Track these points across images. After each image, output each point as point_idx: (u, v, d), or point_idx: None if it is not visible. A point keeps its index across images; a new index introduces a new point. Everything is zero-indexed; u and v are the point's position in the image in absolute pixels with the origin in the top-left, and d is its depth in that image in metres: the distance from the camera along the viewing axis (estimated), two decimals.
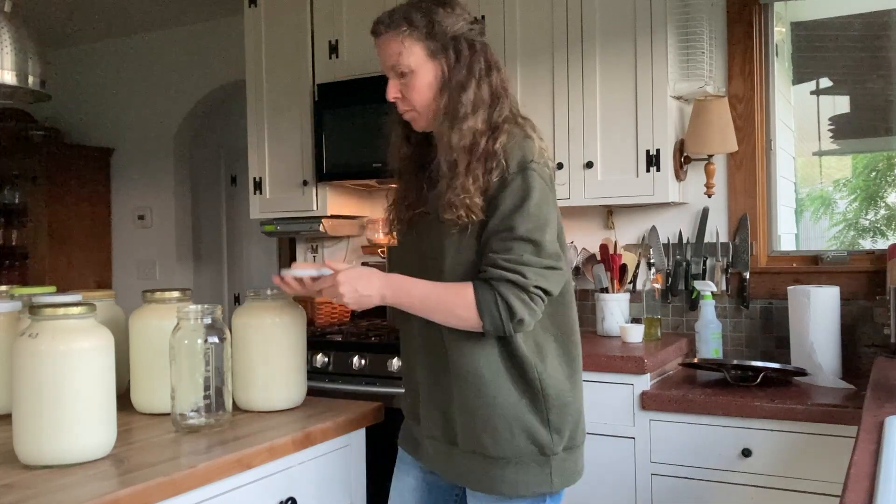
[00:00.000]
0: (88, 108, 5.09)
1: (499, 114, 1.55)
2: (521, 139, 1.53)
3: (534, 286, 1.47)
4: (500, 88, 1.59)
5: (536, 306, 1.49)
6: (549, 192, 1.52)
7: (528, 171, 1.49)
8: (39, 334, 1.36)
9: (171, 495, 1.31)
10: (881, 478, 1.15)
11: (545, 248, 1.49)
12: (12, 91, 2.18)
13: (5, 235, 4.96)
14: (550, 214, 1.51)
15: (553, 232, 1.52)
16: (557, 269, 1.51)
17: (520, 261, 1.46)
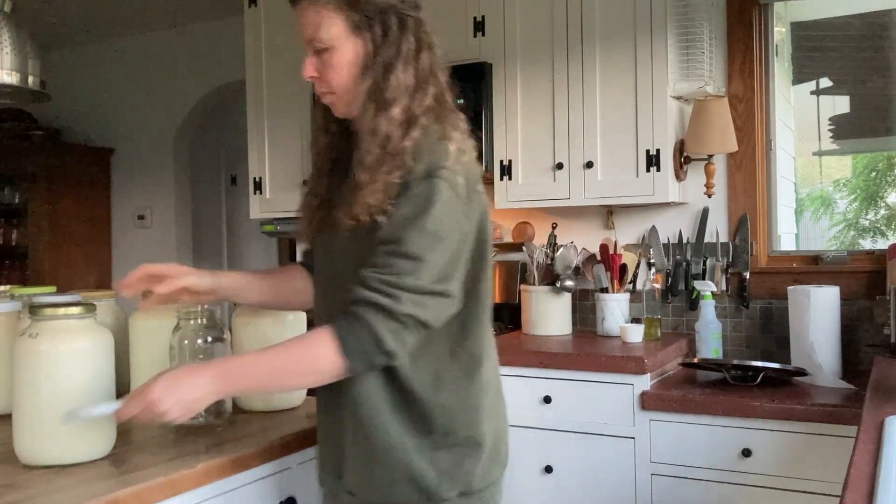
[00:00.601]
0: (88, 108, 5.09)
1: (419, 103, 1.35)
2: (435, 138, 1.33)
3: (405, 314, 1.26)
4: (428, 72, 1.39)
5: (409, 336, 1.28)
6: (457, 205, 1.30)
7: (433, 179, 1.28)
8: (39, 334, 1.36)
9: (171, 495, 1.31)
10: (881, 478, 1.15)
11: (432, 269, 1.27)
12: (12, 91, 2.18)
13: (5, 235, 4.96)
14: (451, 232, 1.30)
15: (449, 252, 1.30)
16: (442, 297, 1.29)
17: (396, 283, 1.26)
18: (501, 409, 1.47)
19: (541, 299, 2.95)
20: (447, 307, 1.32)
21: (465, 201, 1.33)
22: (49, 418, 1.34)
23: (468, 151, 1.39)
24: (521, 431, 2.59)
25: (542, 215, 3.24)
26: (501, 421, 1.46)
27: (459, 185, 1.31)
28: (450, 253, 1.30)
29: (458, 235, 1.31)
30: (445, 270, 1.30)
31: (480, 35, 3.03)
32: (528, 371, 2.58)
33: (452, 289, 1.31)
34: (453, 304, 1.33)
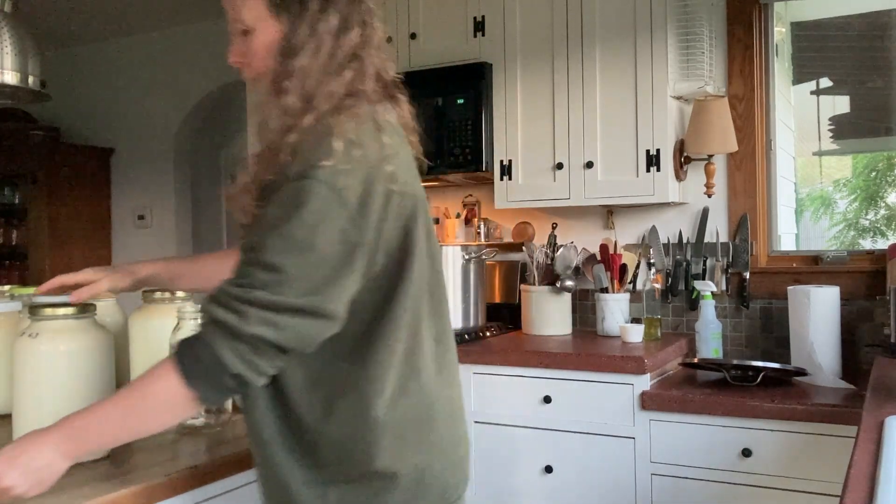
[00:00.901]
0: (88, 108, 5.09)
1: (325, 91, 1.19)
2: (322, 132, 1.15)
3: (250, 334, 1.09)
4: (348, 56, 1.22)
5: (262, 360, 1.11)
6: (339, 210, 1.11)
7: (307, 180, 1.10)
8: (40, 334, 1.36)
9: (170, 495, 1.31)
10: (881, 478, 1.15)
11: (295, 283, 1.10)
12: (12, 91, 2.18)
13: (5, 235, 4.96)
14: (328, 242, 1.11)
15: (324, 264, 1.12)
16: (309, 315, 1.11)
17: (245, 297, 1.10)
18: (438, 439, 1.26)
19: (541, 299, 2.95)
20: (319, 328, 1.14)
21: (357, 205, 1.13)
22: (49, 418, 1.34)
23: (375, 146, 1.18)
24: (521, 431, 2.59)
25: (542, 215, 3.24)
26: (436, 454, 1.25)
27: (346, 187, 1.12)
28: (324, 265, 1.12)
29: (341, 246, 1.12)
30: (316, 285, 1.11)
31: (480, 35, 3.03)
32: (528, 371, 2.58)
33: (327, 307, 1.13)
34: (328, 324, 1.14)
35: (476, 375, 2.67)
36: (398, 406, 1.21)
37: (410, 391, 1.23)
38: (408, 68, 3.14)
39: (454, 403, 1.32)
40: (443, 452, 1.26)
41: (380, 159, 1.17)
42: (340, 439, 1.19)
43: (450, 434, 1.29)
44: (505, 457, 2.62)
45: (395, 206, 1.19)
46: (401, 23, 3.18)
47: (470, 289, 2.95)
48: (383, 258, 1.20)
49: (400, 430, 1.21)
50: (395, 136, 1.26)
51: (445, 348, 1.32)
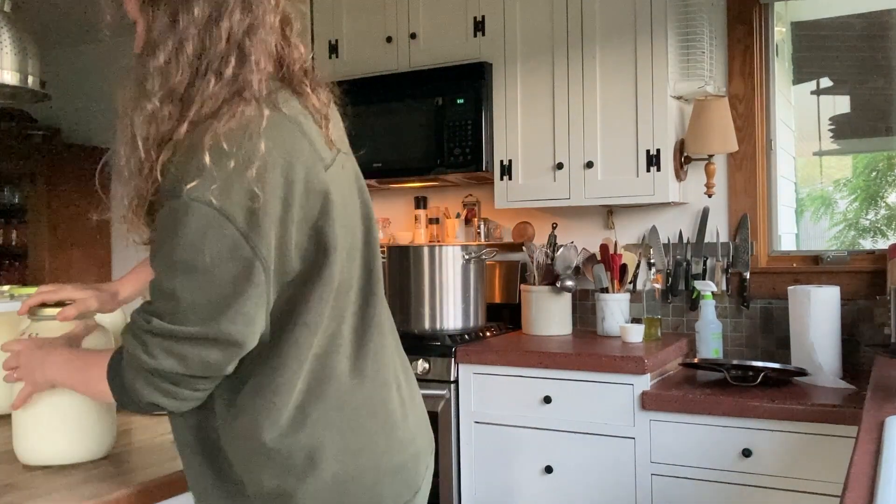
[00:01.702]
0: (88, 108, 5.08)
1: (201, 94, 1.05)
2: (192, 147, 1.03)
3: (153, 368, 1.05)
4: (225, 49, 1.07)
5: (182, 388, 1.07)
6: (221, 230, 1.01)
7: (180, 200, 1.01)
8: (39, 334, 1.36)
9: (170, 495, 1.30)
10: (881, 478, 1.15)
11: (190, 310, 1.03)
12: (12, 91, 2.18)
13: (5, 235, 4.96)
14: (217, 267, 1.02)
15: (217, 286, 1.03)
16: (206, 343, 1.04)
17: (145, 327, 1.06)
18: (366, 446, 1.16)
19: (541, 299, 2.95)
20: (225, 355, 1.06)
21: (246, 221, 1.03)
22: (48, 418, 1.34)
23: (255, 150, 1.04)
24: (521, 431, 2.59)
25: (542, 215, 3.24)
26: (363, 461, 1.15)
27: (226, 201, 1.01)
28: (218, 287, 1.03)
29: (232, 263, 1.03)
30: (212, 309, 1.04)
31: (480, 35, 3.03)
32: (528, 371, 2.58)
33: (230, 331, 1.04)
34: (235, 349, 1.07)
35: (476, 375, 2.67)
36: (312, 414, 1.12)
37: (327, 397, 1.13)
38: (408, 68, 3.14)
39: (384, 407, 1.20)
40: (372, 459, 1.16)
41: (255, 164, 1.03)
42: (247, 447, 1.11)
43: (382, 441, 1.18)
44: (505, 457, 2.62)
45: (296, 210, 1.08)
46: (401, 23, 3.18)
47: (470, 289, 2.95)
48: (295, 263, 1.10)
49: (316, 438, 1.11)
50: (287, 132, 1.10)
51: (370, 350, 1.21)
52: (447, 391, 2.69)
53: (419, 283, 2.89)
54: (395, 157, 3.14)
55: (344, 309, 1.18)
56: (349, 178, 1.24)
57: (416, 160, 3.09)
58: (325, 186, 1.12)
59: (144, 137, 1.07)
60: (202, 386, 1.09)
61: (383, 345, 1.24)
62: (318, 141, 1.15)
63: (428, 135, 3.07)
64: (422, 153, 3.09)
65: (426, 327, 2.89)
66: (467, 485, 2.68)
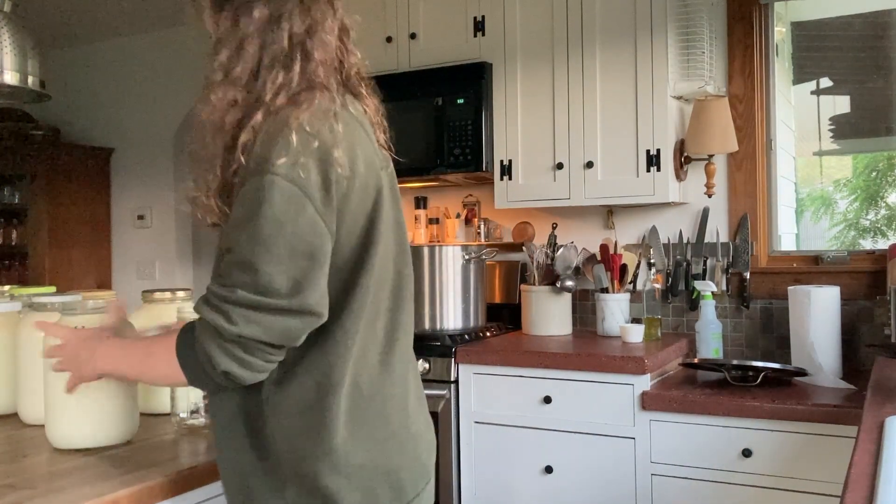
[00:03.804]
0: (88, 108, 5.09)
1: (271, 85, 1.15)
2: (276, 127, 1.12)
3: (237, 335, 1.09)
4: (290, 47, 1.18)
5: (254, 357, 1.11)
6: (301, 206, 1.09)
7: (266, 176, 1.09)
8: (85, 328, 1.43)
9: (171, 495, 1.31)
10: (881, 478, 1.15)
11: (271, 281, 1.09)
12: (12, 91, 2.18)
13: (5, 235, 4.96)
14: (295, 241, 1.09)
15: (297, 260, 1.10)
16: (292, 313, 1.10)
17: (228, 297, 1.10)
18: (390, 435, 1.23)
19: (541, 299, 2.95)
20: (305, 323, 1.13)
21: (323, 198, 1.12)
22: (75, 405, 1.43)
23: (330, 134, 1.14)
24: (521, 431, 2.59)
25: (542, 215, 3.24)
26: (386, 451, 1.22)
27: (306, 179, 1.10)
28: (298, 260, 1.10)
29: (312, 238, 1.11)
30: (295, 280, 1.10)
31: (480, 35, 3.03)
32: (528, 371, 2.58)
33: (310, 302, 1.12)
34: (314, 319, 1.14)
35: (476, 375, 2.67)
36: (351, 401, 1.19)
37: (362, 388, 1.21)
38: (408, 68, 3.14)
39: (405, 401, 1.29)
40: (398, 449, 1.24)
41: (333, 147, 1.13)
42: (292, 430, 1.17)
43: (403, 431, 1.26)
44: (505, 457, 2.62)
45: (355, 197, 1.17)
46: (401, 23, 3.18)
47: (470, 289, 2.95)
48: (347, 249, 1.18)
49: (352, 425, 1.19)
50: (353, 126, 1.22)
51: (404, 342, 1.31)
52: (447, 391, 2.69)
53: (419, 284, 2.89)
54: (395, 157, 3.14)
55: (379, 305, 1.24)
56: (394, 183, 1.34)
57: (416, 160, 3.08)
58: (380, 183, 1.23)
59: (215, 125, 1.17)
60: (274, 356, 1.14)
61: (407, 344, 1.33)
62: (376, 142, 1.28)
63: (428, 135, 3.07)
64: (422, 153, 3.09)
65: (426, 327, 2.89)
66: (467, 485, 2.68)
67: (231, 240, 1.12)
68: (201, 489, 1.37)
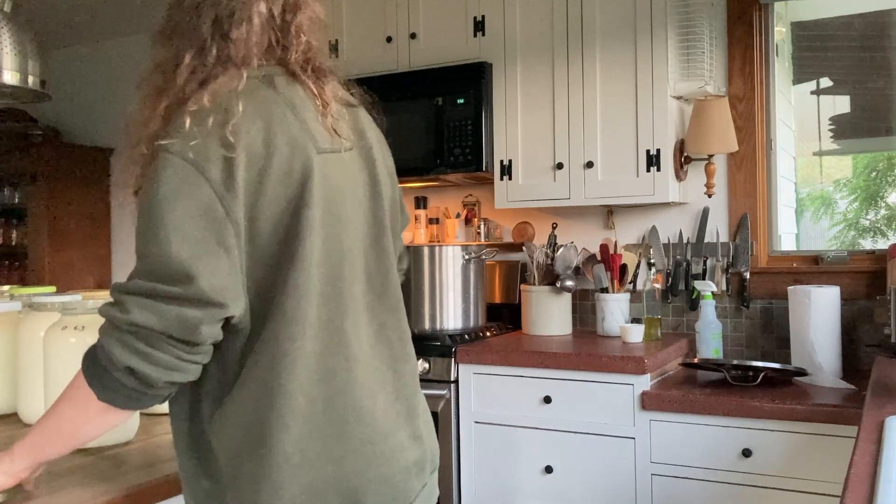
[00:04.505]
0: (88, 108, 5.09)
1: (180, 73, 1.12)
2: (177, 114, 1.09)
3: (130, 322, 1.00)
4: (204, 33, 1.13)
5: (158, 351, 1.01)
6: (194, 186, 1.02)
7: (160, 156, 1.04)
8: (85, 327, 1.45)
9: (171, 495, 1.30)
10: (881, 478, 1.15)
11: (161, 265, 1.01)
12: (12, 91, 2.18)
13: (5, 235, 4.96)
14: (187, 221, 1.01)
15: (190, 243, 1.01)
16: (183, 301, 1.00)
17: (125, 287, 1.03)
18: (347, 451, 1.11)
19: (541, 299, 2.95)
20: (204, 313, 1.02)
21: (223, 179, 1.03)
22: None
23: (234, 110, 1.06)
24: (521, 431, 2.59)
25: (542, 215, 3.24)
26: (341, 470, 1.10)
27: (202, 158, 1.03)
28: (190, 242, 1.01)
29: (205, 222, 1.02)
30: (184, 266, 1.00)
31: (480, 35, 3.03)
32: (528, 371, 2.58)
33: (203, 290, 1.01)
34: (215, 309, 1.03)
35: (476, 375, 2.67)
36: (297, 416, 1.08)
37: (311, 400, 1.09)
38: (408, 68, 3.14)
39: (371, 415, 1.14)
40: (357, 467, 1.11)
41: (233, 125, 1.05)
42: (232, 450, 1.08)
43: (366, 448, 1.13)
44: (505, 457, 2.62)
45: (273, 179, 1.07)
46: (401, 23, 3.18)
47: (470, 289, 2.95)
48: (269, 240, 1.08)
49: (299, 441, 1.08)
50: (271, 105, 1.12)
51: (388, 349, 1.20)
52: (447, 391, 2.69)
53: (419, 283, 2.89)
54: (395, 157, 3.12)
55: (342, 308, 1.14)
56: (354, 174, 1.22)
57: (416, 160, 3.08)
58: (309, 171, 1.10)
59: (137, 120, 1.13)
60: (182, 352, 1.02)
61: (390, 351, 1.21)
62: (313, 124, 1.15)
63: (428, 135, 3.07)
64: (422, 153, 3.09)
65: (426, 327, 2.89)
66: (467, 485, 2.68)
67: (136, 228, 1.05)
68: None
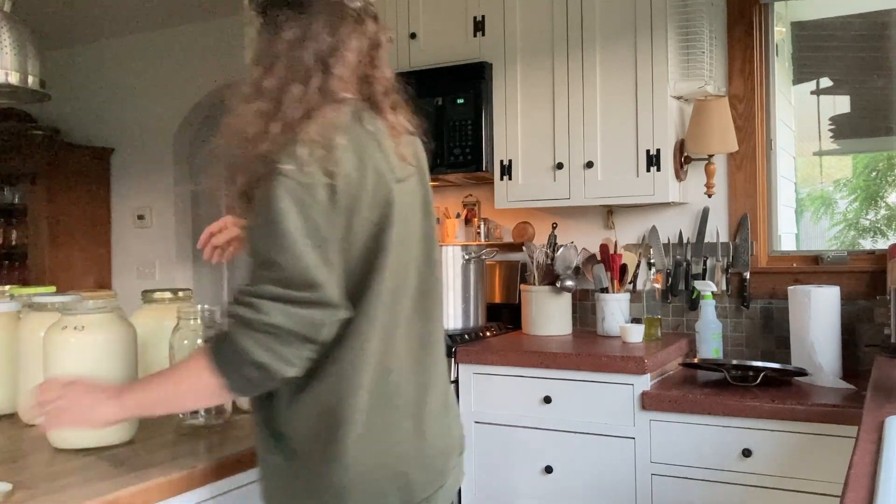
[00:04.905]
0: (88, 108, 5.09)
1: (286, 100, 1.25)
2: (290, 137, 1.22)
3: (267, 323, 1.16)
4: (308, 64, 1.27)
5: (287, 349, 1.17)
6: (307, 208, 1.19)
7: (277, 179, 1.19)
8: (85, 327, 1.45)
9: (170, 495, 1.31)
10: (881, 478, 1.15)
11: (290, 274, 1.17)
12: (12, 91, 2.18)
13: (5, 235, 4.96)
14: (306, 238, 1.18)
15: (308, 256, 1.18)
16: (310, 305, 1.18)
17: (255, 291, 1.18)
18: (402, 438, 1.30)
19: (541, 299, 2.95)
20: (326, 314, 1.20)
21: (328, 202, 1.21)
22: None
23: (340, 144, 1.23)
24: (521, 431, 2.59)
25: (542, 215, 3.24)
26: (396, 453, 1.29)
27: (311, 185, 1.19)
28: (308, 256, 1.18)
29: (317, 239, 1.20)
30: (310, 274, 1.18)
31: (480, 35, 3.03)
32: (528, 371, 2.58)
33: (327, 294, 1.19)
34: (334, 311, 1.21)
35: (476, 375, 2.67)
36: (365, 405, 1.26)
37: (377, 393, 1.27)
38: (408, 68, 3.14)
39: (421, 407, 1.34)
40: (409, 453, 1.30)
41: (336, 157, 1.22)
42: (309, 433, 1.25)
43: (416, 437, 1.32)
44: (505, 457, 2.62)
45: (364, 206, 1.25)
46: (401, 23, 3.18)
47: (470, 289, 2.95)
48: (358, 254, 1.26)
49: (365, 428, 1.25)
50: (364, 139, 1.29)
51: (428, 352, 1.38)
52: None
53: None
54: None
55: (398, 314, 1.32)
56: (416, 196, 1.40)
57: None
58: (390, 196, 1.30)
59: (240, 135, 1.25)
60: (303, 350, 1.19)
61: (432, 353, 1.39)
62: (391, 155, 1.33)
63: (428, 135, 3.07)
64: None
65: None
66: (467, 485, 2.68)
67: (252, 243, 1.22)
68: (201, 489, 1.38)
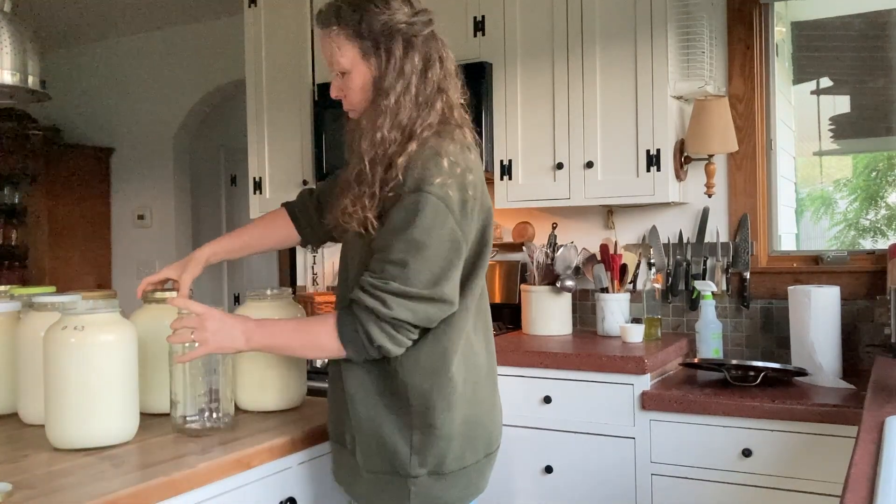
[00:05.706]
0: (88, 108, 5.09)
1: (421, 121, 1.46)
2: (429, 154, 1.43)
3: (392, 317, 1.40)
4: (435, 90, 1.49)
5: (400, 335, 1.42)
6: (447, 216, 1.41)
7: (422, 193, 1.39)
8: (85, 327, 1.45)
9: (170, 495, 1.31)
10: (881, 478, 1.15)
11: (418, 275, 1.40)
12: (12, 91, 2.18)
13: (5, 235, 4.97)
14: (439, 242, 1.40)
15: (438, 259, 1.41)
16: (434, 301, 1.42)
17: (384, 287, 1.40)
18: (483, 398, 1.56)
19: (541, 299, 2.95)
20: (441, 310, 1.44)
21: (460, 213, 1.43)
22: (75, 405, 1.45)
23: (466, 163, 1.46)
24: (521, 431, 2.59)
25: (542, 215, 3.24)
26: (481, 410, 1.55)
27: (450, 197, 1.41)
28: (439, 260, 1.41)
29: (450, 244, 1.42)
30: (436, 276, 1.41)
31: (480, 35, 3.03)
32: (528, 371, 2.58)
33: (446, 293, 1.43)
34: (448, 307, 1.45)
35: None
36: (463, 368, 1.50)
37: (470, 359, 1.53)
38: None
39: (493, 375, 1.63)
40: (488, 410, 1.58)
41: (469, 173, 1.45)
42: (425, 391, 1.46)
43: (490, 398, 1.60)
44: (505, 457, 2.62)
45: (478, 210, 1.48)
46: None
47: None
48: (473, 251, 1.49)
49: (464, 387, 1.50)
50: (476, 155, 1.54)
51: (488, 332, 1.63)
52: None
53: None
54: None
55: (481, 298, 1.58)
56: None
57: None
58: (490, 205, 1.54)
59: (378, 156, 1.44)
60: (413, 335, 1.44)
61: (490, 339, 1.64)
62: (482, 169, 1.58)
63: None
64: None
65: None
66: None
67: (386, 241, 1.41)
68: (201, 489, 1.38)
